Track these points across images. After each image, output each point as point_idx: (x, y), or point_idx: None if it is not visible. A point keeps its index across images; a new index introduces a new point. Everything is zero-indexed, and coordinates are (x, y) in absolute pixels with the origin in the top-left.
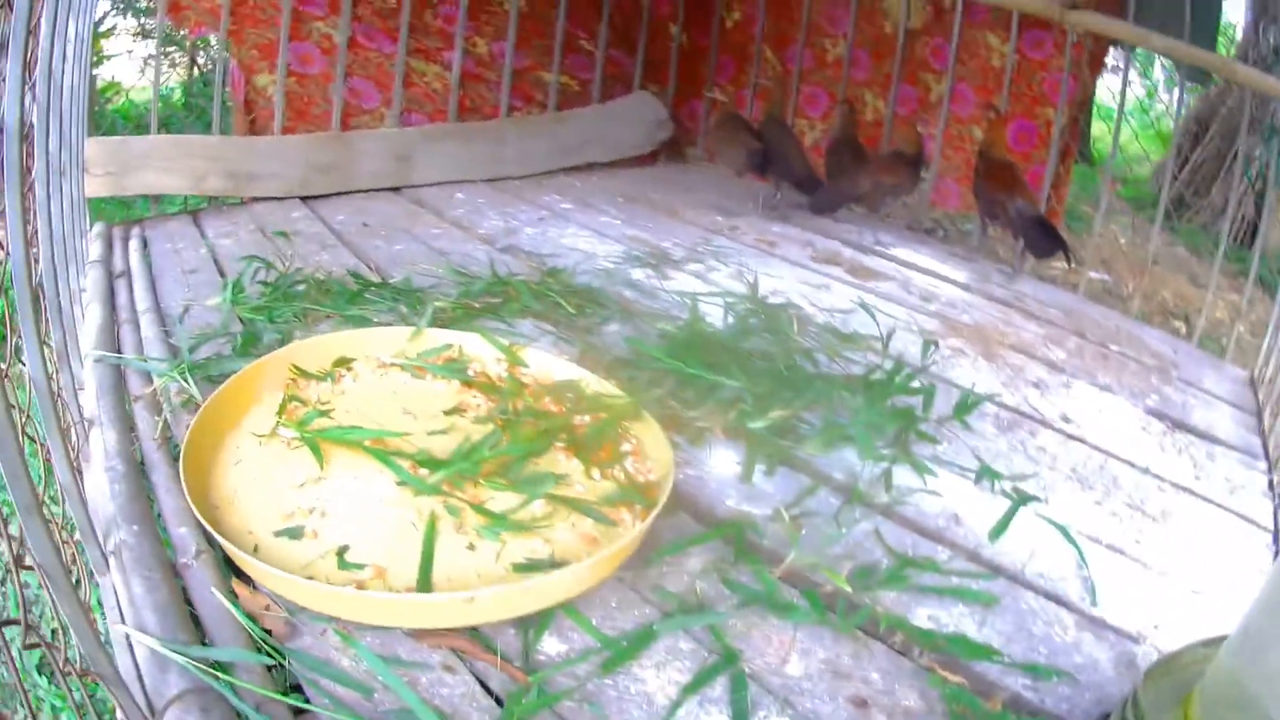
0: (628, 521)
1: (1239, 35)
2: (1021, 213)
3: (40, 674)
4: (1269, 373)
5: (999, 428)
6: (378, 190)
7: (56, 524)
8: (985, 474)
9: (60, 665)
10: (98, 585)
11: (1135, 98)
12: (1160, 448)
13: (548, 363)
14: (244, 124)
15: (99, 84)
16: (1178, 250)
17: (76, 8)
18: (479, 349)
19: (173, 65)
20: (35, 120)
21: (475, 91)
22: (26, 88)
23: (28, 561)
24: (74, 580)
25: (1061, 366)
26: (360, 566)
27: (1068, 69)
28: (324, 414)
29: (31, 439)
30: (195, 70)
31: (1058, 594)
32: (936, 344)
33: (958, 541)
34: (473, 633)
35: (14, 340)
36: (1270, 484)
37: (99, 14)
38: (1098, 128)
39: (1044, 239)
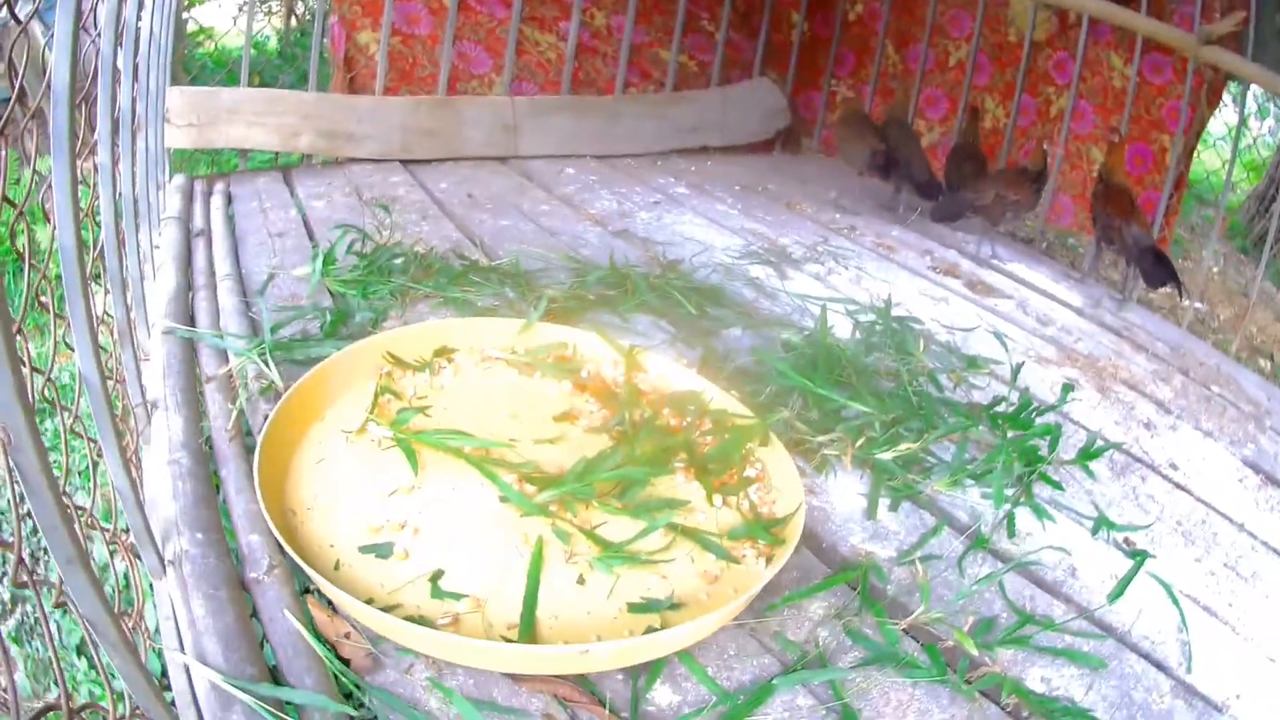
0: (750, 558)
1: None
2: (1137, 240)
3: (79, 655)
4: None
5: (1113, 471)
6: (483, 159)
7: (106, 531)
8: (1102, 524)
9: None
10: (152, 590)
11: (1225, 124)
12: (1255, 503)
13: (667, 369)
14: (343, 82)
15: (189, 28)
16: (1264, 285)
17: None
18: (594, 349)
19: (269, 13)
20: (101, 73)
21: (590, 64)
22: (88, 42)
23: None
24: (123, 612)
25: (1169, 406)
26: (457, 596)
27: (1187, 97)
28: (420, 411)
29: (78, 435)
30: (293, 19)
31: (1158, 658)
32: (1072, 388)
33: (1073, 597)
34: (579, 677)
35: (60, 330)
36: None
37: None
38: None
39: (1157, 269)
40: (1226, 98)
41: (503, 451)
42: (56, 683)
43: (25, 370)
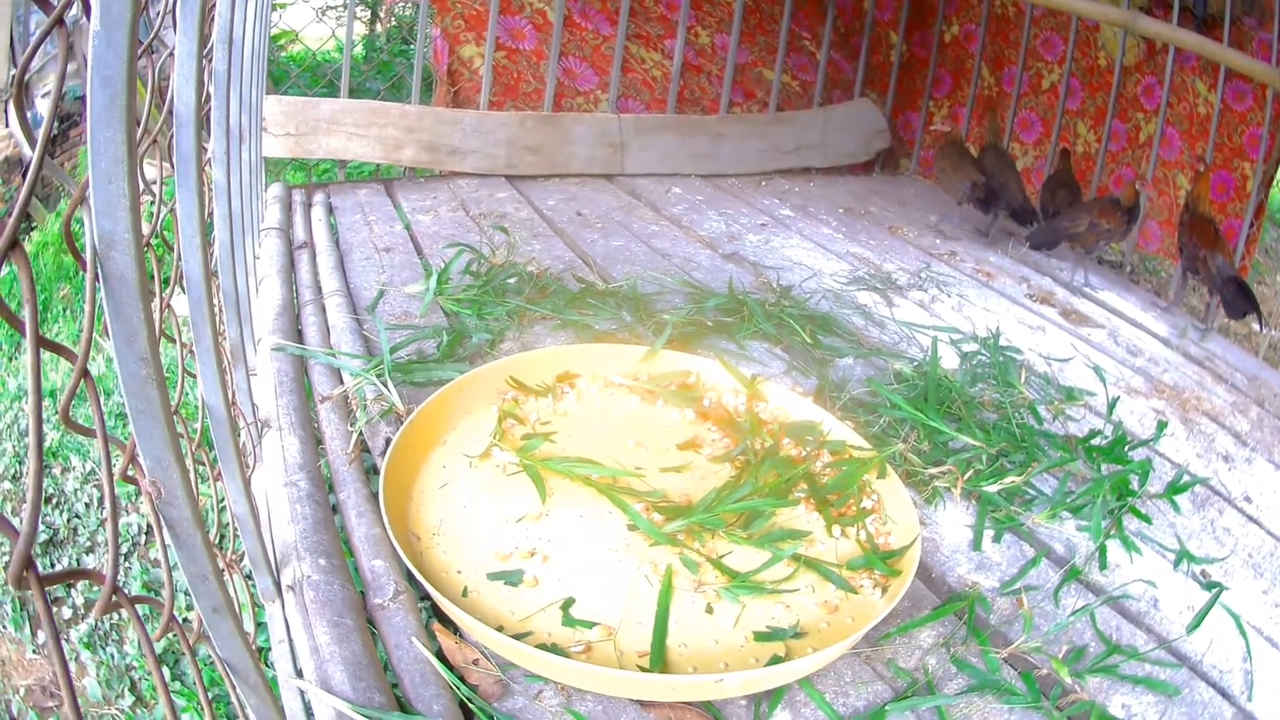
0: (867, 589)
1: None
2: (1221, 270)
3: (163, 663)
4: None
5: (1194, 504)
6: (589, 176)
7: (223, 556)
8: (1184, 557)
9: None
10: (262, 609)
11: None
12: None
13: (786, 398)
14: (446, 95)
15: (273, 31)
16: None
17: None
18: (716, 377)
19: (354, 18)
20: (216, 90)
21: (695, 83)
22: (204, 65)
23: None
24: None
25: (1245, 439)
26: (589, 625)
27: (1267, 125)
28: (545, 438)
29: (200, 462)
30: (377, 25)
31: (1224, 687)
32: (1166, 425)
33: (1154, 627)
34: (706, 704)
35: (183, 355)
36: None
37: None
38: None
39: (1239, 299)
40: None
41: (630, 480)
42: (130, 689)
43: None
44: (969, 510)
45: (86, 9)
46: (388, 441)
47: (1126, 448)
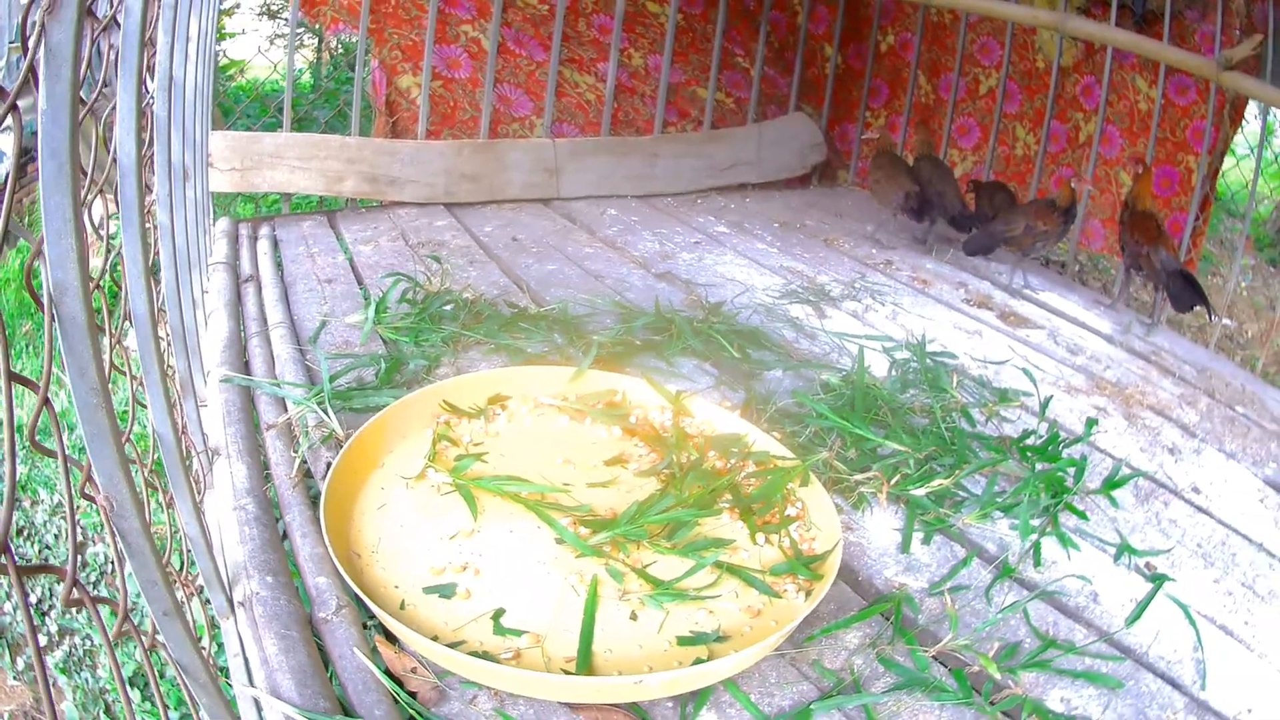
0: (791, 593)
1: None
2: (1165, 265)
3: (132, 686)
4: None
5: (1137, 497)
6: (526, 201)
7: (178, 575)
8: (1125, 550)
9: None
10: (219, 631)
11: (1248, 138)
12: (1274, 522)
13: (711, 413)
14: (385, 126)
15: (220, 61)
16: None
17: (199, 3)
18: (642, 395)
19: (301, 45)
20: (158, 135)
21: (629, 104)
22: (143, 109)
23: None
24: (209, 659)
25: (1194, 430)
26: (518, 633)
27: (1210, 118)
28: (477, 458)
29: (153, 487)
30: (325, 53)
31: (1174, 677)
32: (1097, 422)
33: (1094, 621)
34: (632, 706)
35: (134, 387)
36: None
37: None
38: (1225, 161)
39: (1185, 292)
40: (1249, 114)
41: (557, 496)
42: (105, 712)
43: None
44: (898, 514)
45: (36, 82)
46: (329, 466)
47: (1060, 445)
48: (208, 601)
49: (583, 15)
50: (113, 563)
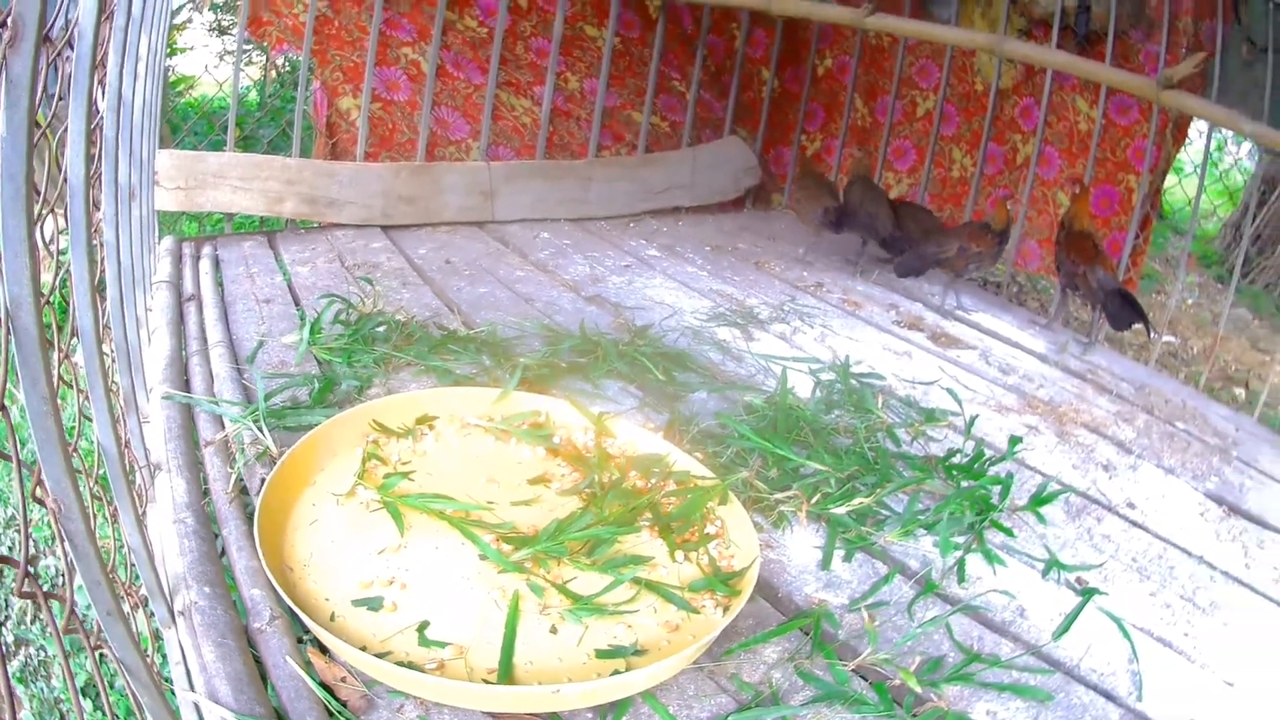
0: (709, 609)
1: None
2: (1102, 284)
3: (84, 696)
4: None
5: (1068, 514)
6: (461, 224)
7: (124, 586)
8: (1054, 566)
9: None
10: (162, 640)
11: (1191, 156)
12: (1215, 535)
13: (634, 434)
14: (325, 147)
15: (171, 76)
16: (1239, 311)
17: (150, 20)
18: (566, 416)
19: (249, 63)
20: (106, 156)
21: (564, 128)
22: (92, 131)
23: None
24: (151, 661)
25: (1130, 446)
26: (442, 645)
27: (1153, 138)
28: (405, 476)
29: (99, 499)
30: (274, 71)
31: (1107, 689)
32: (1021, 439)
33: (1022, 636)
34: (553, 716)
35: (80, 401)
36: None
37: (175, 3)
38: (1168, 180)
39: (1124, 310)
40: (1194, 132)
41: (481, 513)
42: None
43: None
44: (819, 532)
45: None
46: (263, 482)
47: (986, 463)
48: (153, 614)
49: (521, 39)
50: (63, 575)
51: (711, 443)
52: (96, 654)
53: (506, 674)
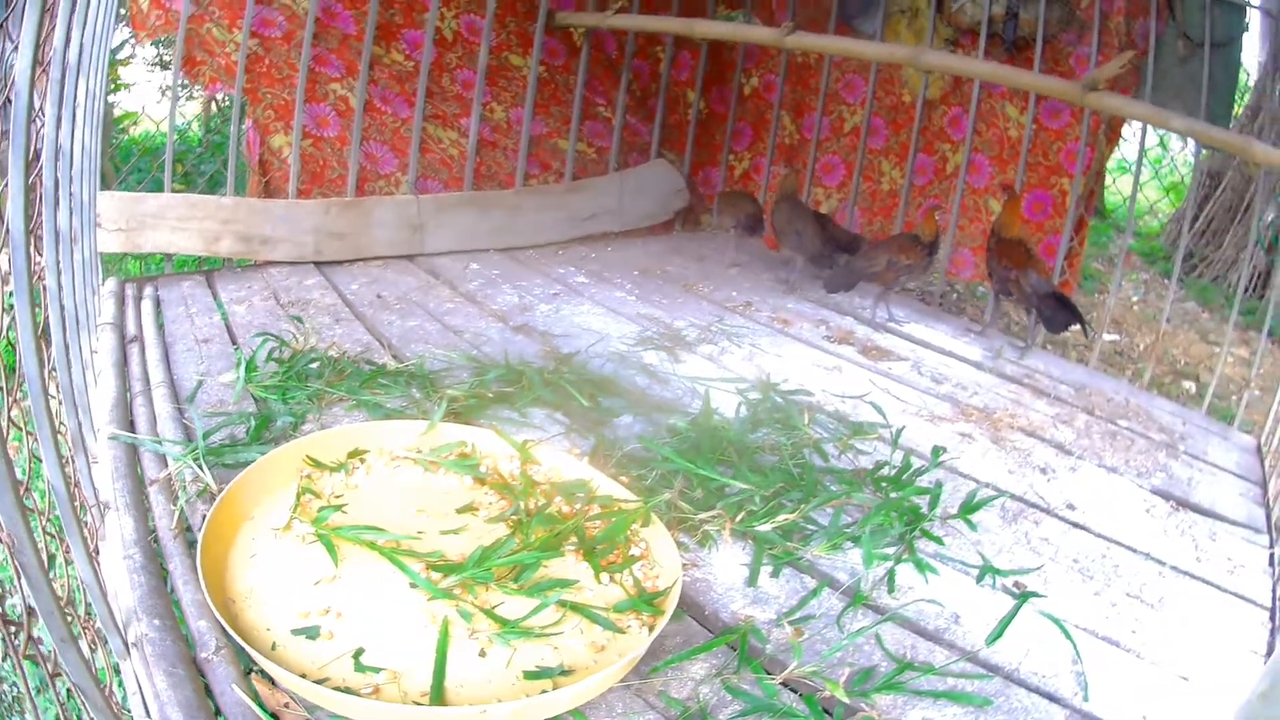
0: (635, 628)
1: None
2: (1036, 288)
3: None
4: (1275, 441)
5: (1004, 519)
6: (391, 258)
7: (80, 618)
8: (987, 571)
9: None
10: (120, 674)
11: (1122, 155)
12: (1163, 530)
13: (559, 460)
14: (259, 185)
15: (116, 112)
16: (1188, 305)
17: (88, 67)
18: (492, 445)
19: (191, 98)
20: (45, 205)
21: (491, 158)
22: (31, 183)
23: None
24: (104, 684)
25: (1069, 448)
26: (376, 670)
27: (1084, 140)
28: (338, 509)
29: (51, 535)
30: (214, 105)
31: (1050, 691)
32: (945, 449)
33: (956, 642)
34: None
35: (30, 444)
36: (1271, 559)
37: (116, 41)
38: (1111, 179)
39: (1059, 313)
40: (1132, 132)
41: (411, 543)
42: None
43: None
44: (747, 550)
45: None
46: (204, 518)
47: (914, 474)
48: (110, 647)
49: (447, 70)
50: (23, 616)
51: (636, 466)
52: (55, 680)
53: (438, 696)
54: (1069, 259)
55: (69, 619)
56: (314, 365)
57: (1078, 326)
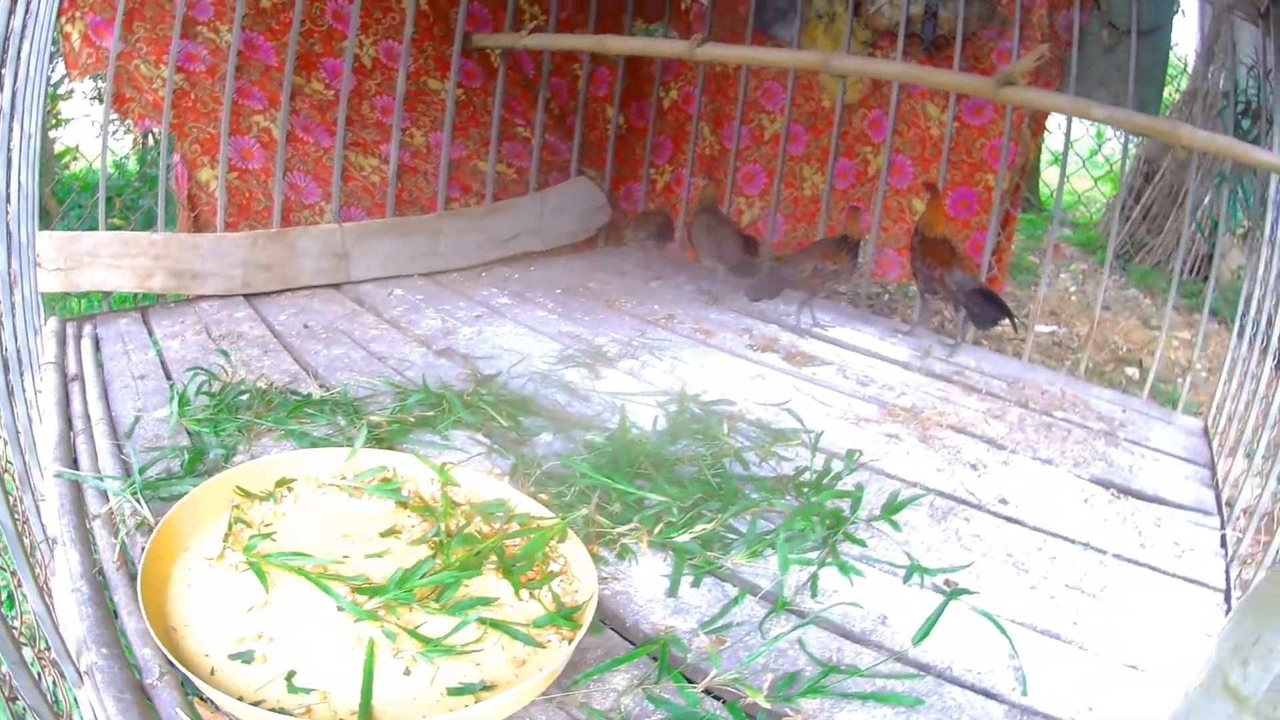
0: (555, 643)
1: (1188, 68)
2: (961, 285)
3: None
4: (1222, 421)
5: (933, 518)
6: (318, 288)
7: (37, 650)
8: (915, 571)
9: None
10: (77, 703)
11: (1054, 145)
12: (1103, 519)
13: (478, 481)
14: (188, 220)
15: (56, 148)
16: (1129, 292)
17: (22, 111)
18: (413, 469)
19: (128, 131)
20: None
21: (413, 183)
22: None
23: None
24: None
25: (1001, 443)
26: (308, 691)
27: (1008, 135)
28: (267, 537)
29: (7, 570)
30: (150, 138)
31: (986, 687)
32: (860, 452)
33: (885, 644)
34: None
35: None
36: (1223, 540)
37: (55, 76)
38: (1047, 172)
39: (987, 309)
40: (1058, 125)
41: (337, 567)
42: None
43: None
44: (667, 561)
45: None
46: (143, 550)
47: (835, 477)
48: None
49: (366, 98)
50: None
51: (555, 483)
52: (12, 703)
53: (366, 715)
54: (997, 254)
55: (20, 643)
56: (243, 397)
57: (1007, 321)
